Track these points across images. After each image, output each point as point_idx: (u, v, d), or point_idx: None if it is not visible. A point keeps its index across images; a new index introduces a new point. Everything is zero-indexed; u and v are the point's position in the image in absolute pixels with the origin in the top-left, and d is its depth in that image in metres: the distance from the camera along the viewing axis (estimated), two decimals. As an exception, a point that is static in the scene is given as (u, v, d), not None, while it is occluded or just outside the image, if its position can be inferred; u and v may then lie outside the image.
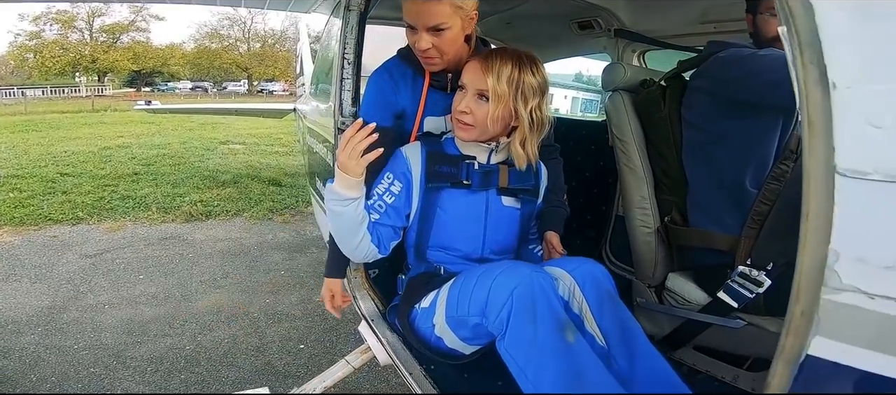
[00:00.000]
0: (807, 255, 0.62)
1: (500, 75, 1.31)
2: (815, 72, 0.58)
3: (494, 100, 1.32)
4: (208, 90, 47.05)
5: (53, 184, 6.34)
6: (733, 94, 1.49)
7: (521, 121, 1.36)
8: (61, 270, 3.74)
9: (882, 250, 0.56)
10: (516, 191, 1.48)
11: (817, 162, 0.59)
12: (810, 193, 0.61)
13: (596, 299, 1.24)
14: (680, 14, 2.25)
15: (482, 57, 1.36)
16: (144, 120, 16.06)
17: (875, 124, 0.54)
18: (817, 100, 0.57)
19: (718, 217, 1.55)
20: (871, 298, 0.57)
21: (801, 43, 0.59)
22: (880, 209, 0.55)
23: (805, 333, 0.63)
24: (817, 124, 0.58)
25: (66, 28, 40.55)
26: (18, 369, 2.47)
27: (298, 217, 5.47)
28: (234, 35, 49.05)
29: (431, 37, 1.37)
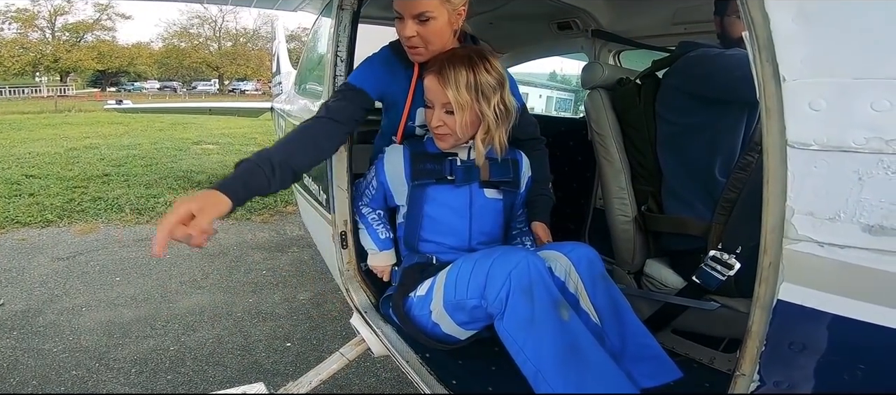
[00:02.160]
0: (770, 213, 0.76)
1: (458, 85, 1.37)
2: (770, 68, 0.73)
3: (458, 109, 1.39)
4: (177, 90, 45.89)
5: (18, 186, 6.14)
6: (703, 90, 1.59)
7: (486, 118, 1.42)
8: (33, 273, 3.65)
9: (825, 205, 0.70)
10: (498, 183, 1.56)
11: (773, 138, 0.73)
12: (769, 163, 0.75)
13: (590, 279, 1.32)
14: (653, 16, 2.36)
15: (436, 71, 1.40)
16: (112, 120, 15.60)
17: (814, 108, 0.69)
18: (772, 90, 0.73)
19: (691, 204, 1.66)
20: (821, 246, 0.70)
21: (760, 45, 0.74)
22: (820, 171, 0.69)
23: (774, 280, 0.75)
24: (772, 109, 0.73)
25: (26, 26, 39.00)
26: (-4, 372, 2.42)
27: (277, 217, 5.43)
28: (205, 34, 47.98)
29: (417, 25, 1.40)
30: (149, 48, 47.09)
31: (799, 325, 0.74)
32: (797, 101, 0.70)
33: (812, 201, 0.71)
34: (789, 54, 0.71)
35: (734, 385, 0.85)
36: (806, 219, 0.71)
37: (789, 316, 0.74)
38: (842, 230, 0.69)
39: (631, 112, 1.82)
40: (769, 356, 0.78)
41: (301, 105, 2.66)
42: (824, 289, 0.71)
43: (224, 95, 44.20)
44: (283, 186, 1.35)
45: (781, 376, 0.78)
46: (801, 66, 0.70)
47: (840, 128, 0.67)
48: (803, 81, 0.70)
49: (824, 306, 0.71)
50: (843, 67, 0.68)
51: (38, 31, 40.20)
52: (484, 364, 1.64)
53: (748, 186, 1.53)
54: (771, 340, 0.77)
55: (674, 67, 1.70)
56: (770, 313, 0.76)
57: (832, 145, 0.68)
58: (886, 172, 0.65)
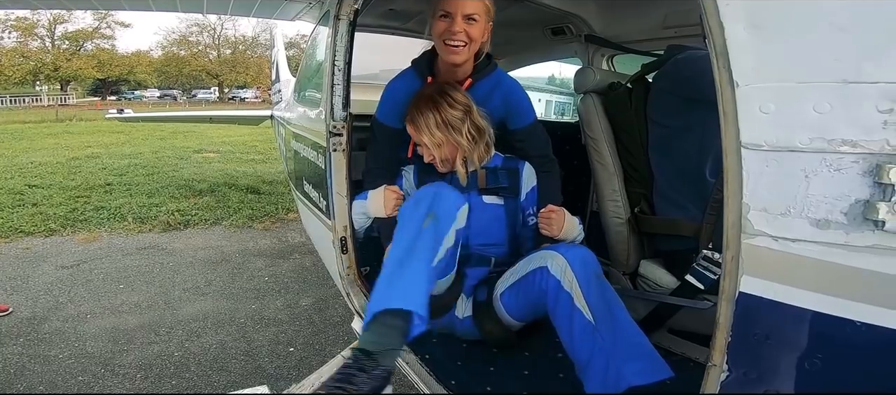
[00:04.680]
0: (730, 210, 0.81)
1: (429, 127, 1.61)
2: (726, 75, 0.79)
3: (436, 147, 1.64)
4: (177, 98, 45.93)
5: (22, 196, 6.19)
6: (691, 91, 1.63)
7: (461, 146, 1.65)
8: (38, 281, 3.70)
9: (776, 202, 0.75)
10: (496, 190, 1.73)
11: (730, 139, 0.79)
12: (727, 163, 0.80)
13: (585, 278, 1.38)
14: (644, 20, 2.40)
15: (410, 119, 1.66)
16: (113, 129, 15.64)
17: (764, 111, 0.74)
18: (728, 95, 0.79)
19: (682, 206, 1.71)
20: (775, 239, 0.76)
21: (717, 53, 0.80)
22: (771, 170, 0.75)
23: (736, 274, 0.81)
24: (729, 113, 0.79)
25: (25, 35, 39.05)
26: (4, 379, 2.46)
27: (278, 224, 5.48)
28: (204, 42, 48.03)
29: (464, 24, 1.59)
30: (148, 56, 47.05)
31: (760, 315, 0.79)
32: (749, 104, 0.76)
33: (765, 198, 0.76)
34: (742, 61, 0.77)
35: (707, 377, 0.89)
36: (761, 215, 0.77)
37: (751, 308, 0.79)
38: (792, 225, 0.74)
39: (622, 116, 1.86)
40: (735, 346, 0.83)
41: (300, 113, 2.71)
42: (780, 281, 0.76)
43: (224, 102, 44.16)
44: None
45: (748, 365, 0.83)
46: (752, 72, 0.76)
47: (787, 129, 0.73)
48: (754, 86, 0.76)
49: (781, 297, 0.76)
50: (789, 73, 0.74)
51: (38, 40, 40.28)
52: (482, 365, 1.67)
53: None
54: (736, 331, 0.82)
55: (663, 71, 1.75)
56: (733, 305, 0.82)
57: (781, 146, 0.73)
58: (829, 169, 0.71)
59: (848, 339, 0.73)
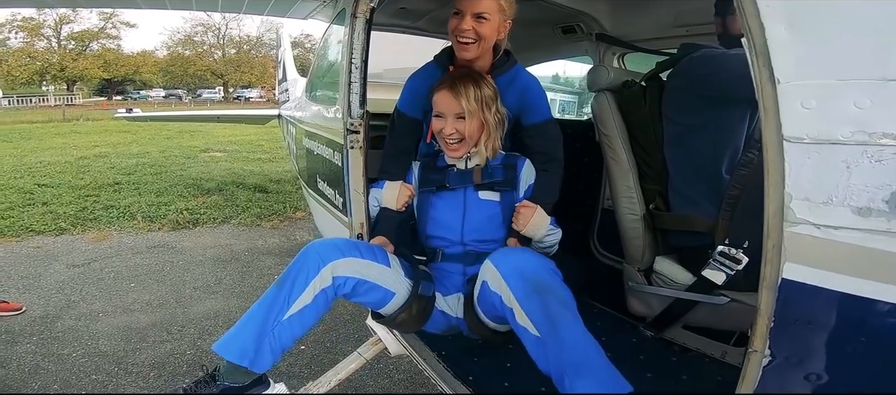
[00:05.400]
0: (771, 201, 0.84)
1: (468, 96, 1.63)
2: (767, 72, 0.82)
3: (469, 116, 1.64)
4: (182, 98, 46.09)
5: (31, 195, 6.24)
6: (707, 89, 1.64)
7: (488, 123, 1.68)
8: (50, 280, 3.73)
9: (818, 191, 0.78)
10: (492, 185, 1.74)
11: (771, 133, 0.83)
12: (768, 156, 0.84)
13: (523, 293, 1.34)
14: (655, 19, 2.41)
15: (448, 86, 1.66)
16: (120, 129, 15.74)
17: (805, 106, 0.78)
18: (769, 92, 0.82)
19: (697, 202, 1.71)
20: (817, 227, 0.79)
21: (757, 51, 0.83)
22: (813, 162, 0.78)
23: (777, 262, 0.84)
24: (769, 109, 0.83)
25: (32, 36, 39.27)
26: (18, 377, 2.48)
27: (286, 223, 5.50)
28: (209, 41, 48.16)
29: (473, 22, 1.64)
30: (153, 56, 47.25)
31: (802, 301, 0.82)
32: (791, 100, 0.80)
33: (807, 188, 0.79)
34: (783, 60, 0.80)
35: (748, 363, 0.91)
36: (803, 204, 0.80)
37: (793, 294, 0.82)
38: (834, 213, 0.77)
39: (637, 113, 1.86)
40: (778, 331, 0.85)
41: (314, 111, 2.72)
42: (822, 267, 0.79)
43: (229, 102, 44.31)
44: None
45: (790, 349, 0.86)
46: (793, 70, 0.80)
47: (829, 124, 0.76)
48: (795, 83, 0.79)
49: (823, 283, 0.79)
50: (829, 71, 0.77)
51: (45, 40, 40.49)
52: (499, 361, 1.68)
53: (751, 182, 1.57)
54: (778, 317, 0.85)
55: (677, 69, 1.74)
56: (775, 292, 0.84)
57: (823, 139, 0.77)
58: (871, 160, 0.74)
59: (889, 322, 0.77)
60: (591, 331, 1.91)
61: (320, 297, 1.48)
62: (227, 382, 1.46)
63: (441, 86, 1.68)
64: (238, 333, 1.45)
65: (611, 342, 1.88)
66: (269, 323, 1.43)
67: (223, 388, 1.45)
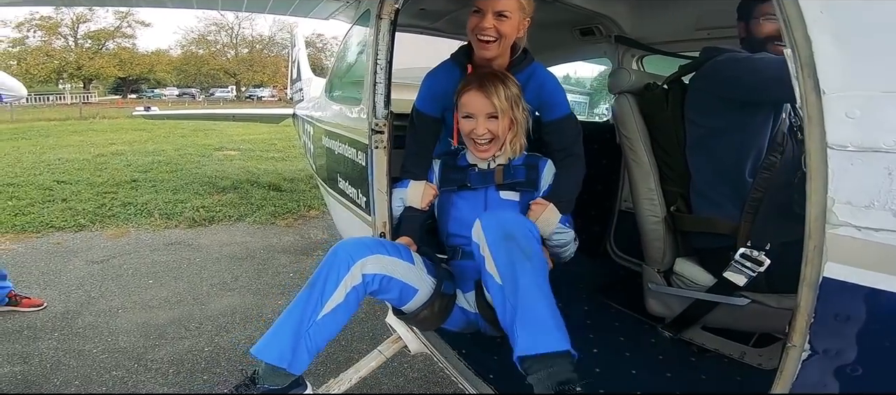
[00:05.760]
0: (813, 204, 0.88)
1: (499, 95, 1.63)
2: (811, 83, 0.86)
3: (501, 114, 1.65)
4: (195, 96, 46.52)
5: (51, 192, 6.34)
6: (732, 92, 1.64)
7: (517, 121, 1.70)
8: (70, 276, 3.78)
9: (861, 196, 0.82)
10: (513, 185, 1.75)
11: (815, 141, 0.87)
12: (811, 161, 0.88)
13: (494, 239, 1.38)
14: (676, 22, 2.40)
15: (477, 86, 1.66)
16: (135, 127, 15.97)
17: (849, 116, 0.82)
18: (813, 101, 0.87)
19: (719, 204, 1.71)
20: (859, 230, 0.83)
21: (802, 63, 0.87)
22: (856, 168, 0.83)
23: (818, 261, 0.88)
24: (813, 117, 0.87)
25: (50, 34, 39.86)
26: (40, 373, 2.52)
27: (301, 221, 5.55)
28: (222, 41, 48.61)
29: (494, 20, 1.64)
30: (168, 55, 47.76)
31: (842, 299, 0.86)
32: (835, 110, 0.84)
33: (850, 193, 0.83)
34: (829, 71, 0.84)
35: (786, 357, 0.94)
36: (845, 207, 0.84)
37: (834, 292, 0.86)
38: (876, 216, 0.81)
39: (658, 116, 1.87)
40: (817, 328, 0.89)
41: (335, 111, 2.75)
42: (863, 266, 0.83)
43: (241, 101, 44.67)
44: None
45: (830, 344, 0.89)
46: (838, 81, 0.84)
47: (872, 132, 0.81)
48: (840, 94, 0.84)
49: (863, 281, 0.83)
50: (874, 83, 0.81)
51: (62, 39, 41.08)
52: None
53: (773, 185, 1.61)
54: (819, 313, 0.88)
55: (701, 72, 1.74)
56: (816, 290, 0.88)
57: (866, 147, 0.81)
58: None
59: None
60: (609, 331, 1.96)
61: (351, 295, 1.49)
62: (266, 385, 1.46)
63: (469, 86, 1.68)
64: (274, 335, 1.46)
65: (629, 342, 1.91)
66: (304, 324, 1.44)
67: (263, 390, 1.46)
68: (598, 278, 2.48)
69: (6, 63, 39.20)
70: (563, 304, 2.13)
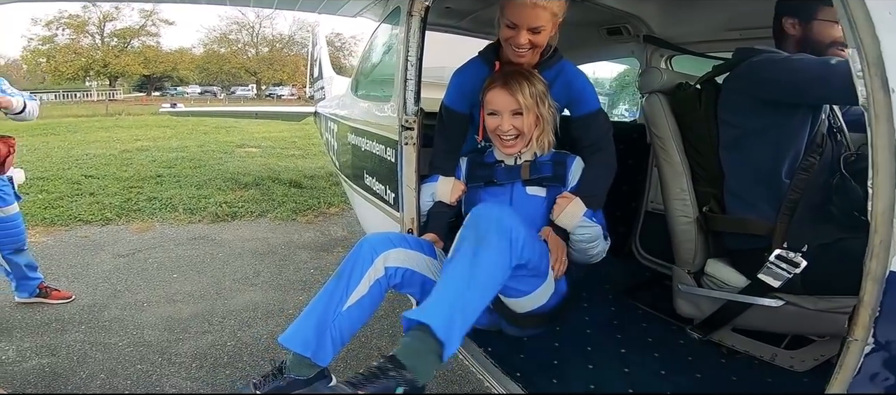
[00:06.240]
0: (879, 199, 0.91)
1: (523, 92, 1.65)
2: (879, 81, 0.88)
3: (526, 111, 1.67)
4: (217, 94, 47.25)
5: (79, 186, 6.49)
6: (771, 93, 1.60)
7: (543, 118, 1.70)
8: (97, 269, 3.86)
9: None
10: (541, 180, 1.75)
11: (882, 138, 0.89)
12: (878, 158, 0.90)
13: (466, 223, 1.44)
14: (707, 22, 2.36)
15: (502, 83, 1.68)
16: (159, 124, 16.27)
17: None
18: (881, 99, 0.88)
19: (754, 205, 1.67)
20: None
21: (870, 62, 0.89)
22: None
23: (885, 256, 0.90)
24: (881, 115, 0.89)
25: (77, 32, 40.84)
26: (67, 365, 2.56)
27: (321, 218, 5.59)
28: (243, 39, 49.28)
29: (530, 35, 1.64)
30: (191, 53, 48.56)
31: None
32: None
33: None
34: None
35: (847, 351, 0.95)
36: None
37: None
38: None
39: (691, 116, 1.83)
40: (883, 321, 0.90)
41: (362, 108, 2.77)
42: None
43: (261, 99, 45.22)
44: None
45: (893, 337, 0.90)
46: None
47: None
48: None
49: None
50: None
51: (89, 37, 42.07)
52: (546, 357, 1.70)
53: (811, 187, 1.58)
54: (884, 307, 0.90)
55: (736, 72, 1.71)
56: (882, 284, 0.90)
57: None
58: None
59: None
60: (636, 332, 1.95)
61: (375, 287, 1.51)
62: (293, 374, 1.49)
63: (493, 84, 1.70)
64: (300, 325, 1.49)
65: (657, 343, 1.89)
66: (329, 315, 1.47)
67: (290, 379, 1.48)
68: (624, 279, 2.45)
69: (36, 60, 40.36)
70: (589, 304, 2.14)
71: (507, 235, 1.35)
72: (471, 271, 1.29)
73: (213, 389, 2.42)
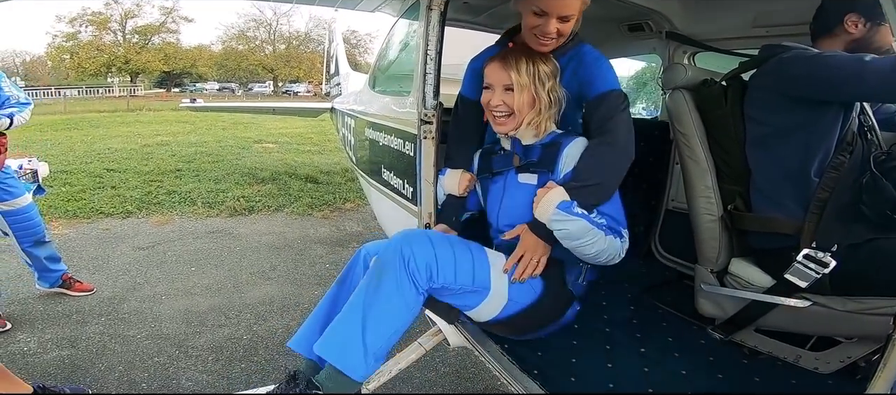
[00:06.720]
0: None
1: (518, 68, 1.55)
2: None
3: (518, 89, 1.56)
4: (234, 91, 47.85)
5: (101, 179, 6.63)
6: (801, 91, 1.55)
7: (540, 99, 1.58)
8: (117, 261, 3.93)
9: None
10: (531, 166, 1.63)
11: None
12: None
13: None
14: (732, 19, 2.31)
15: (500, 58, 1.60)
16: (179, 119, 16.56)
17: None
18: None
19: (782, 204, 1.63)
20: None
21: None
22: None
23: None
24: None
25: (100, 29, 41.68)
26: (86, 357, 2.59)
27: (337, 213, 5.62)
28: (260, 36, 49.83)
29: (558, 23, 1.56)
30: (209, 50, 49.28)
31: None
32: None
33: None
34: None
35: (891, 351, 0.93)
36: None
37: None
38: None
39: (716, 113, 1.79)
40: None
41: (382, 103, 2.78)
42: None
43: (278, 95, 45.69)
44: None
45: None
46: None
47: None
48: None
49: None
50: None
51: (111, 34, 42.89)
52: (564, 355, 1.68)
53: (840, 185, 1.53)
54: None
55: (764, 68, 1.66)
56: None
57: None
58: None
59: None
60: (657, 331, 1.94)
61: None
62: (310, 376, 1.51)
63: (493, 58, 1.61)
64: (306, 330, 1.55)
65: (678, 342, 1.86)
66: (332, 318, 1.49)
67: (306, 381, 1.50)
68: (644, 279, 2.41)
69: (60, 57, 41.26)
70: (607, 303, 2.11)
71: (404, 265, 1.42)
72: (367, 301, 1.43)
73: (230, 383, 2.44)
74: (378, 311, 1.42)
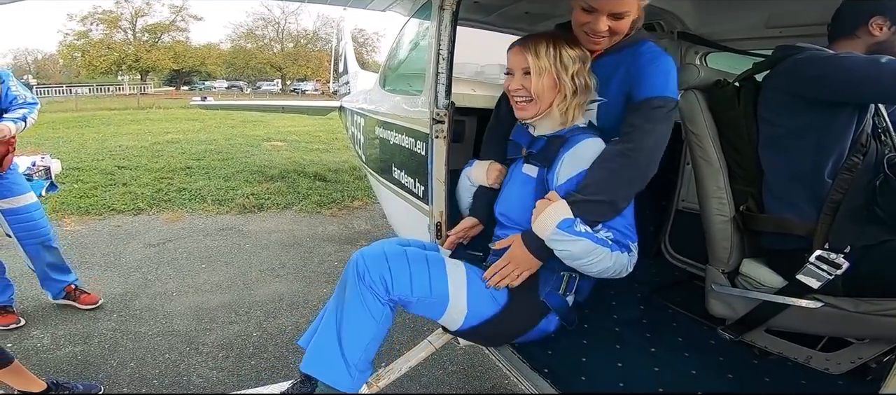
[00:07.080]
0: None
1: (538, 52, 1.47)
2: None
3: (536, 73, 1.48)
4: (243, 89, 48.09)
5: (112, 176, 6.69)
6: (816, 92, 1.54)
7: (563, 84, 1.48)
8: (129, 258, 3.96)
9: None
10: (532, 157, 1.58)
11: None
12: None
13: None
14: (744, 19, 2.30)
15: (521, 42, 1.53)
16: (188, 117, 16.65)
17: None
18: None
19: (795, 205, 1.63)
20: None
21: None
22: None
23: None
24: None
25: (111, 28, 42.00)
26: (99, 354, 2.62)
27: (345, 211, 5.64)
28: (269, 35, 50.04)
29: (610, 21, 1.46)
30: (218, 49, 49.55)
31: None
32: None
33: None
34: None
35: None
36: None
37: None
38: None
39: (729, 113, 1.78)
40: None
41: (392, 102, 2.79)
42: None
43: (286, 94, 45.83)
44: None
45: None
46: None
47: None
48: None
49: None
50: None
51: (122, 32, 43.22)
52: (574, 355, 1.69)
53: (853, 187, 1.53)
54: None
55: (778, 70, 1.65)
56: None
57: None
58: None
59: None
60: (667, 332, 1.94)
61: None
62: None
63: (514, 43, 1.54)
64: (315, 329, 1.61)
65: (688, 343, 1.87)
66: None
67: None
68: (654, 279, 2.41)
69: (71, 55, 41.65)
70: (617, 303, 2.11)
71: (361, 280, 1.49)
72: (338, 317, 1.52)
73: (240, 379, 2.46)
74: (349, 325, 1.49)
